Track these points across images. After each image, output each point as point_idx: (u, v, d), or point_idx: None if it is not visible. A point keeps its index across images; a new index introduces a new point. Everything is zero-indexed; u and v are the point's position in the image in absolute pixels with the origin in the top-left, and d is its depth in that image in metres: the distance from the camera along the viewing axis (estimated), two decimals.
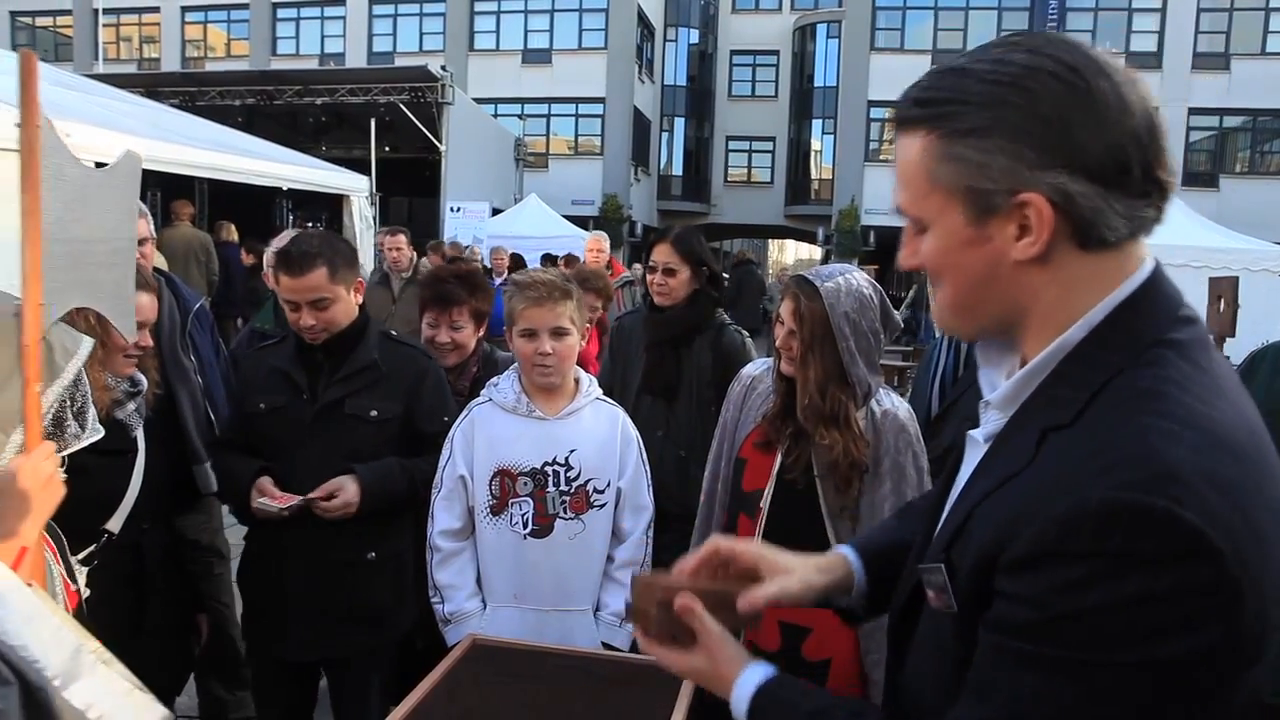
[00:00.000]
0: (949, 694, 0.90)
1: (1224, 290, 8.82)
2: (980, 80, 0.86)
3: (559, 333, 2.24)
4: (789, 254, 48.26)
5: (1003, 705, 0.82)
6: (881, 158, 27.97)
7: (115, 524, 2.12)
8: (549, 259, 10.83)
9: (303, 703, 2.51)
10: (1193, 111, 25.78)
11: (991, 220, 0.88)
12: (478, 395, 2.69)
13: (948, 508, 1.03)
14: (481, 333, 2.94)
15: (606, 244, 7.04)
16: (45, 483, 1.34)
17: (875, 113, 27.78)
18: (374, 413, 2.38)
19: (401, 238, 6.44)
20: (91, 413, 1.44)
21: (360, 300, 2.47)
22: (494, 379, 2.45)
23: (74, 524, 1.39)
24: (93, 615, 1.41)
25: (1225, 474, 0.77)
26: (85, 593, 1.43)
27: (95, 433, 1.44)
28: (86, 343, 1.44)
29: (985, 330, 0.98)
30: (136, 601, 2.16)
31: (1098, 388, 0.85)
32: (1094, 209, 0.85)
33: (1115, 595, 0.75)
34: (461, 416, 2.38)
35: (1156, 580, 0.74)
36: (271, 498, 2.26)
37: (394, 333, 2.67)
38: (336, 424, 2.36)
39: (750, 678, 1.07)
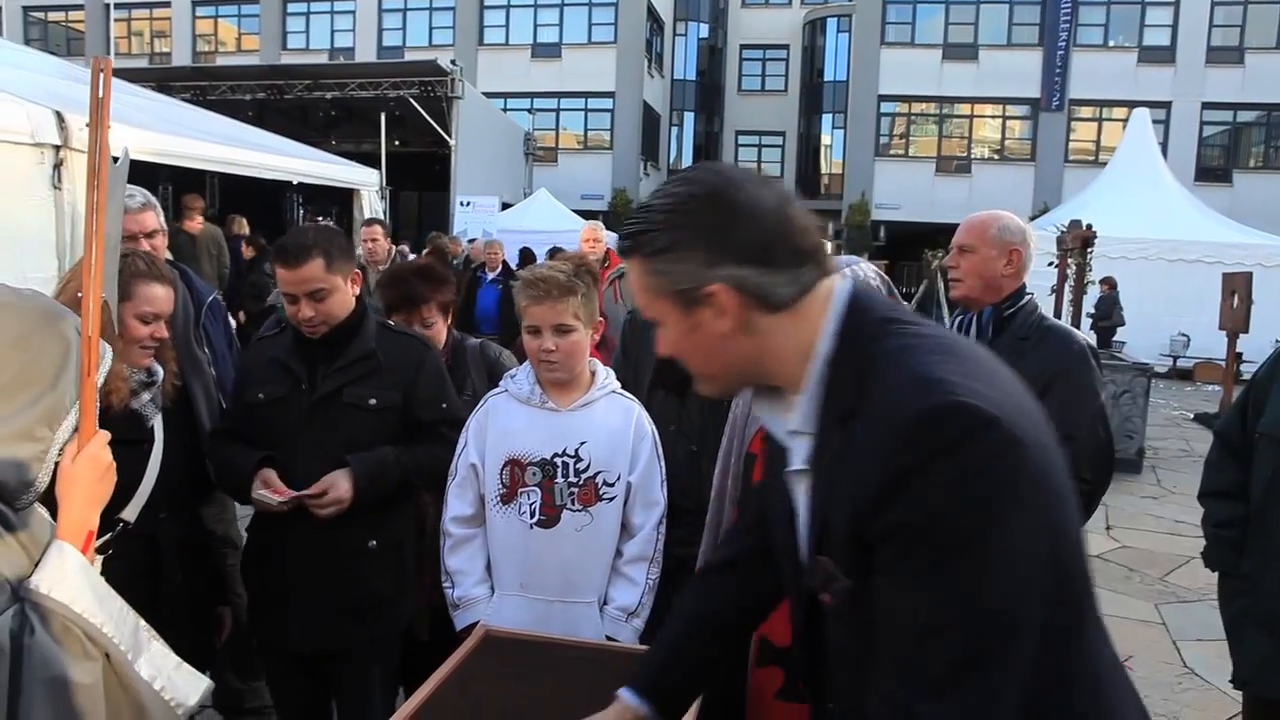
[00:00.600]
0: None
1: (1238, 286, 8.79)
2: (658, 212, 1.14)
3: (562, 330, 2.24)
4: None
5: (910, 630, 1.00)
6: (892, 152, 27.89)
7: (131, 513, 2.13)
8: (553, 253, 10.79)
9: (316, 692, 2.52)
10: (1206, 106, 25.62)
11: (695, 311, 1.13)
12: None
13: (802, 531, 1.22)
14: (450, 321, 2.95)
15: (603, 233, 6.84)
16: (105, 471, 1.43)
17: (886, 107, 27.71)
18: (372, 401, 2.39)
19: (378, 229, 6.31)
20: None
21: (358, 291, 2.47)
22: (512, 370, 2.46)
23: None
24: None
25: (970, 368, 1.04)
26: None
27: (103, 434, 1.48)
28: (109, 350, 1.49)
29: (732, 386, 1.26)
30: (151, 592, 2.17)
31: (861, 366, 1.08)
32: (759, 284, 1.10)
33: (950, 483, 0.96)
34: (478, 406, 2.41)
35: (969, 456, 0.96)
36: (273, 490, 2.27)
37: (391, 323, 2.67)
38: (335, 413, 2.36)
39: None
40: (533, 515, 2.26)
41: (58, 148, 5.87)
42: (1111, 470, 2.64)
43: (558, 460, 2.26)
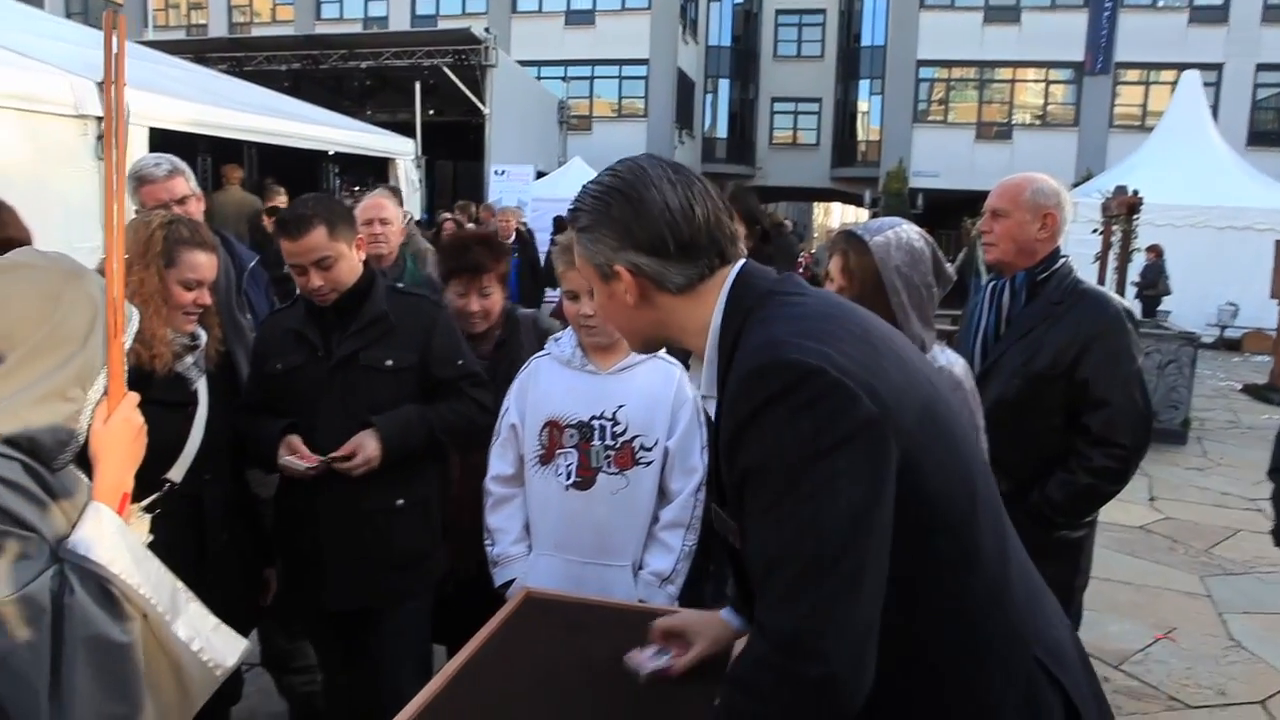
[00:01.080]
0: None
1: None
2: (589, 196, 1.33)
3: (592, 294, 2.25)
4: (835, 217, 47.57)
5: (761, 561, 1.14)
6: (931, 118, 27.34)
7: (176, 474, 2.16)
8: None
9: (355, 649, 2.56)
10: (1261, 67, 24.73)
11: (610, 282, 1.33)
12: (503, 359, 2.74)
13: None
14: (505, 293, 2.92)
15: None
16: (137, 433, 1.44)
17: (924, 72, 27.11)
18: (389, 363, 2.41)
19: (387, 205, 6.32)
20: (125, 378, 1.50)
21: (364, 256, 2.48)
22: (557, 334, 2.47)
23: (137, 473, 1.44)
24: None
25: (811, 329, 1.18)
26: (148, 539, 1.49)
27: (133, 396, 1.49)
28: (135, 313, 1.49)
29: (645, 346, 1.45)
30: (198, 552, 2.21)
31: (737, 334, 1.26)
32: (656, 272, 1.29)
33: (779, 424, 1.11)
34: (524, 368, 2.45)
35: (795, 400, 1.11)
36: (300, 456, 2.30)
37: (400, 285, 2.68)
38: (354, 377, 2.39)
39: None
40: (569, 477, 2.28)
41: (100, 119, 5.94)
42: (1149, 436, 2.57)
43: (595, 423, 2.27)
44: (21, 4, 10.35)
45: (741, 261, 1.33)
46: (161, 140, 6.37)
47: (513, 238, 8.75)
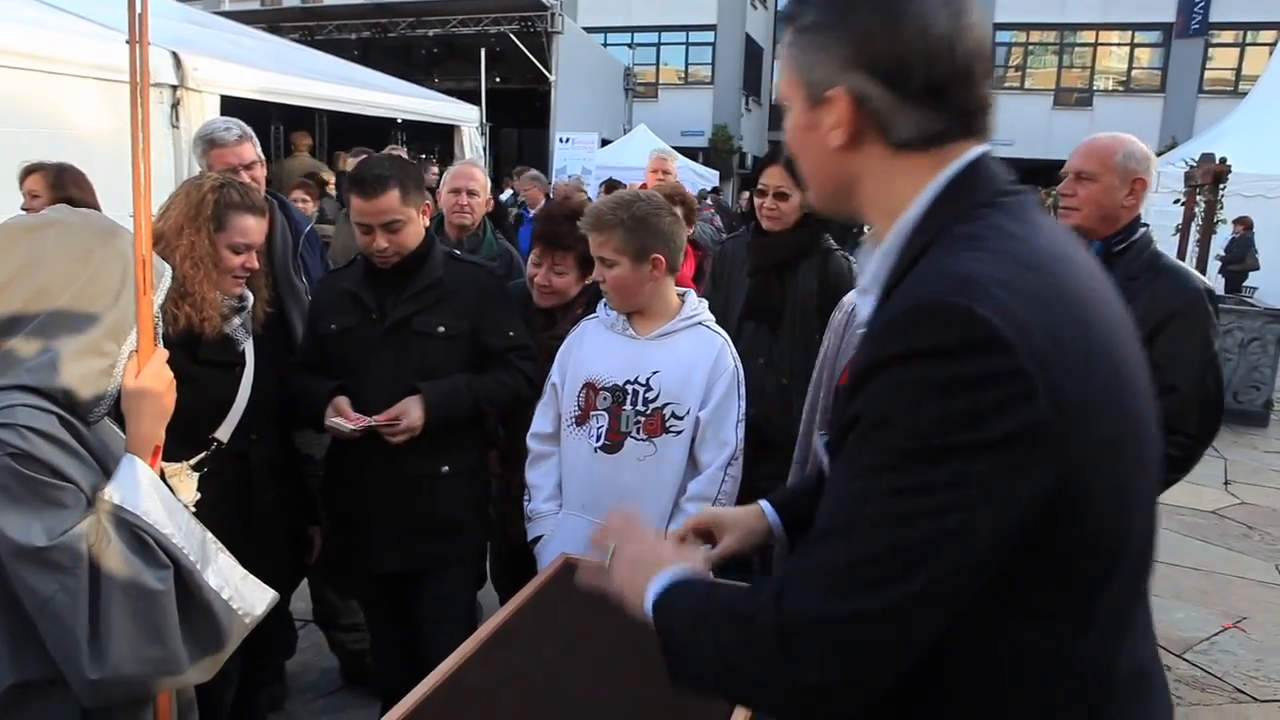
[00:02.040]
0: None
1: None
2: None
3: (604, 262, 2.27)
4: None
5: (829, 516, 0.92)
6: (1007, 85, 26.41)
7: (224, 433, 2.22)
8: (609, 185, 10.49)
9: (401, 608, 2.62)
10: (946, 8, 23.10)
11: (818, 108, 1.03)
12: None
13: None
14: (589, 281, 2.80)
15: (671, 163, 5.88)
16: (167, 386, 1.47)
17: (1001, 36, 26.15)
18: (441, 329, 2.42)
19: (476, 174, 6.28)
20: (159, 334, 1.54)
21: (428, 222, 2.49)
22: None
23: (186, 431, 1.49)
24: (202, 519, 1.51)
25: (1023, 283, 0.88)
26: (196, 497, 1.54)
27: (165, 353, 1.52)
28: (168, 269, 1.53)
29: (832, 207, 1.13)
30: (244, 509, 2.27)
31: (928, 242, 0.97)
32: (883, 110, 0.99)
33: (926, 387, 0.86)
34: (574, 329, 2.48)
35: (960, 369, 0.84)
36: (346, 418, 2.33)
37: (458, 252, 2.68)
38: (405, 341, 2.41)
39: (664, 577, 1.12)
40: (598, 439, 2.29)
41: (174, 88, 6.11)
42: (1216, 426, 2.45)
43: (629, 387, 2.28)
44: None
45: (982, 149, 1.03)
46: (233, 108, 6.53)
47: (538, 207, 8.69)
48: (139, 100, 1.44)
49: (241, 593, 1.46)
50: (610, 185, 10.35)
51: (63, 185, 3.27)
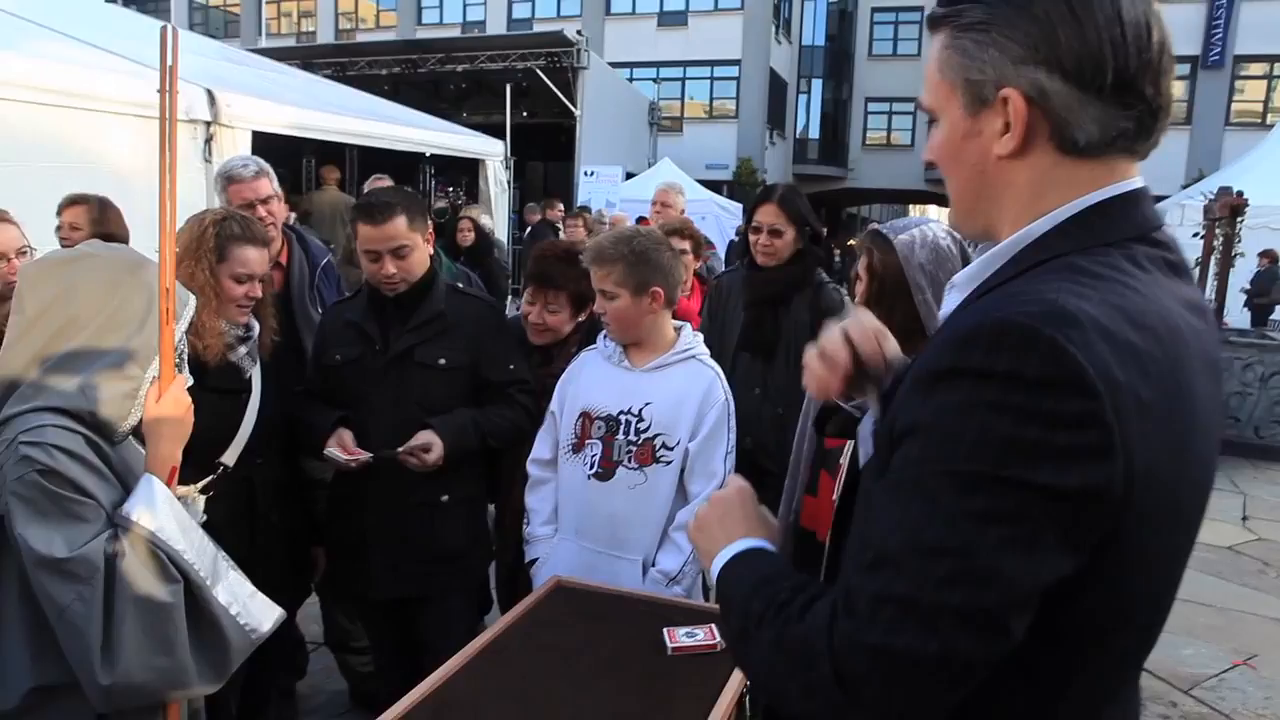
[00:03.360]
0: None
1: None
2: None
3: (606, 295, 2.35)
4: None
5: (883, 535, 0.85)
6: None
7: (230, 458, 2.32)
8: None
9: (405, 632, 2.70)
10: None
11: (983, 113, 0.93)
12: None
13: None
14: (583, 317, 2.89)
15: (676, 197, 5.68)
16: (185, 412, 1.57)
17: None
18: (442, 361, 2.49)
19: (386, 182, 6.10)
20: (185, 361, 1.64)
21: (431, 251, 2.58)
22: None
23: (193, 456, 1.59)
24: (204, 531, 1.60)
25: (1123, 337, 0.82)
26: (203, 519, 1.64)
27: (186, 381, 1.62)
28: (192, 298, 1.63)
29: (980, 228, 1.02)
30: (249, 530, 2.36)
31: (1037, 263, 0.90)
32: (1066, 108, 0.89)
33: (996, 412, 0.80)
34: (574, 360, 2.57)
35: (1035, 403, 0.79)
36: (344, 450, 2.40)
37: (461, 286, 2.76)
38: (407, 373, 2.48)
39: (738, 545, 1.10)
40: (592, 467, 2.37)
41: (208, 124, 6.34)
42: None
43: (622, 417, 2.36)
44: (145, 16, 11.04)
45: (1141, 182, 0.94)
46: (265, 143, 6.75)
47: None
48: (167, 144, 1.56)
49: (250, 609, 1.54)
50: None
51: (105, 220, 3.43)
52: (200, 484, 2.09)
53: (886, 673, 0.83)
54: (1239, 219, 8.25)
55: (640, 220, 6.59)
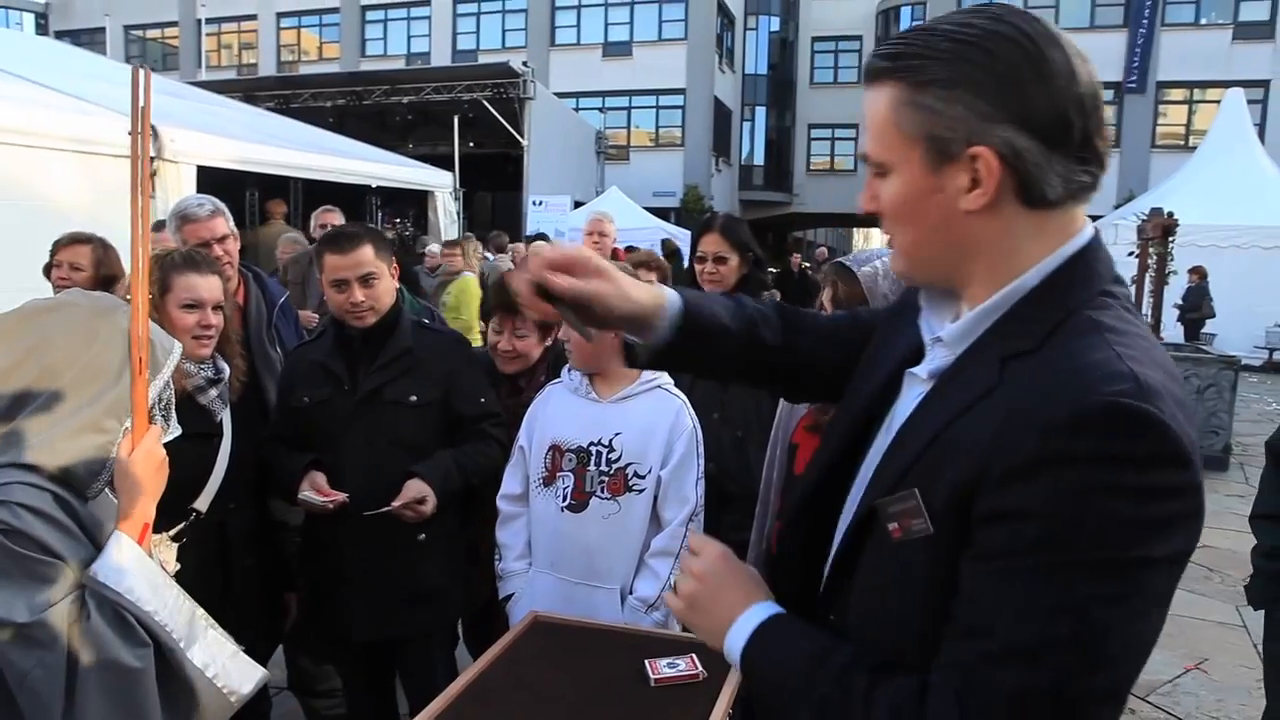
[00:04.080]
0: (921, 629, 0.93)
1: None
2: (946, 38, 0.93)
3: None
4: (874, 243, 47.33)
5: (1009, 628, 0.84)
6: None
7: (202, 503, 2.26)
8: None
9: (381, 675, 2.65)
10: (1084, 60, 24.16)
11: (946, 168, 0.94)
12: None
13: (883, 440, 1.07)
14: (549, 342, 2.90)
15: (610, 225, 5.63)
16: (159, 466, 1.50)
17: None
18: (413, 398, 2.48)
19: (337, 216, 5.93)
20: (173, 412, 1.59)
21: (396, 285, 2.58)
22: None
23: (165, 502, 1.53)
24: (182, 587, 1.54)
25: (1177, 395, 0.86)
26: (175, 567, 1.58)
27: (174, 430, 1.57)
28: (177, 345, 1.57)
29: (937, 278, 1.03)
30: (223, 578, 2.30)
31: (1057, 322, 0.92)
32: (1036, 165, 0.91)
33: (1118, 495, 0.81)
34: (539, 394, 2.56)
35: (1148, 479, 0.81)
36: (319, 493, 2.37)
37: (426, 321, 2.77)
38: (378, 411, 2.46)
39: (749, 620, 1.05)
40: (564, 499, 2.37)
41: (152, 159, 6.24)
42: None
43: (592, 449, 2.36)
44: (84, 51, 10.84)
45: (1094, 228, 0.98)
46: (209, 178, 6.64)
47: None
48: (139, 188, 1.52)
49: (229, 670, 1.46)
50: (669, 245, 10.35)
51: (108, 262, 3.35)
52: (173, 531, 2.03)
53: None
54: (1170, 238, 8.59)
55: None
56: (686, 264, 3.54)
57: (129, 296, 1.49)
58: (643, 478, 2.35)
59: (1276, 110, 24.17)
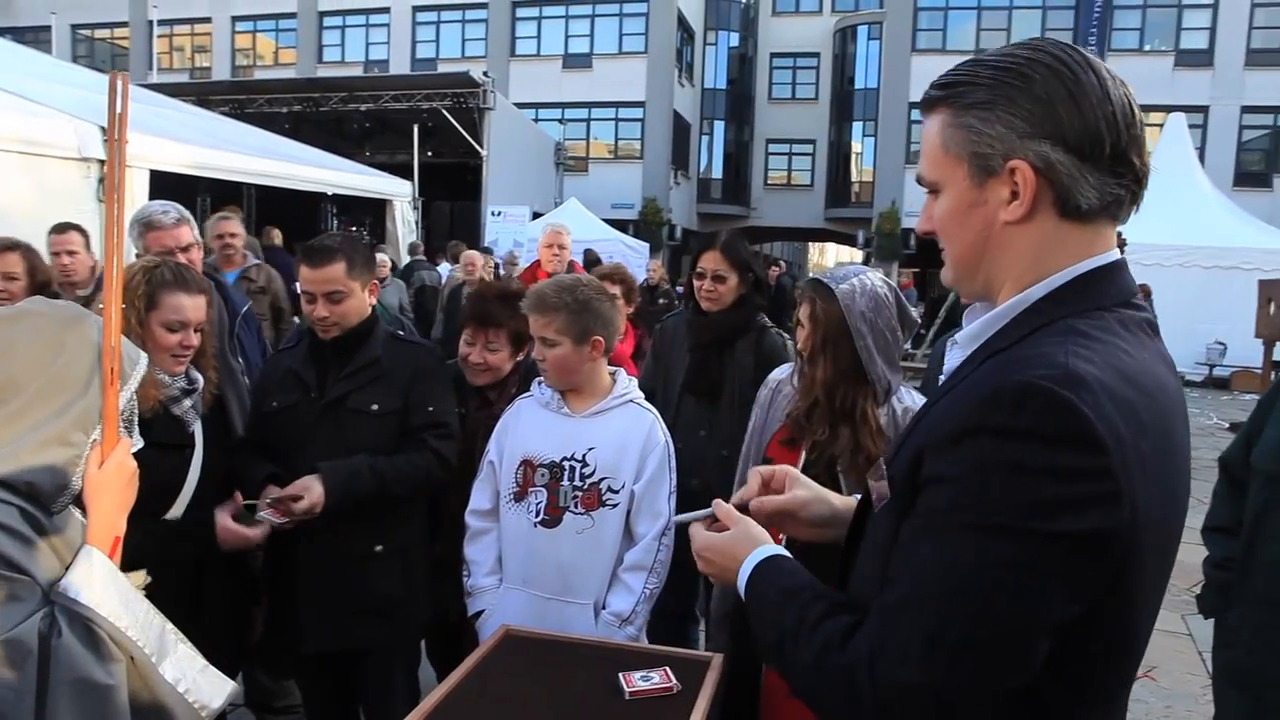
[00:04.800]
0: (877, 587, 1.03)
1: (1275, 294, 8.65)
2: (989, 67, 1.03)
3: (545, 342, 2.35)
4: (829, 257, 47.94)
5: (913, 578, 0.95)
6: None
7: (174, 514, 2.21)
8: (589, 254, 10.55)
9: (342, 690, 2.60)
10: (1245, 110, 25.16)
11: (989, 183, 1.03)
12: None
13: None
14: (522, 356, 2.88)
15: (567, 238, 5.77)
16: (130, 478, 1.47)
17: (916, 115, 27.32)
18: (374, 407, 2.46)
19: (74, 237, 4.17)
20: (135, 424, 1.55)
21: (374, 301, 2.57)
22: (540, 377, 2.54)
23: (136, 513, 1.49)
24: (152, 602, 1.50)
25: (1122, 395, 0.92)
26: (147, 580, 1.53)
27: (137, 443, 1.53)
28: (144, 356, 1.54)
29: (979, 286, 1.11)
30: (194, 591, 2.25)
31: (1038, 326, 1.00)
32: (1070, 176, 0.99)
33: (1019, 467, 0.90)
34: (508, 408, 2.54)
35: (1054, 457, 0.89)
36: (275, 512, 2.33)
37: (401, 333, 2.76)
38: (341, 419, 2.45)
39: (758, 554, 1.20)
40: (537, 514, 2.35)
41: (103, 162, 6.09)
42: None
43: (565, 464, 2.35)
44: (28, 49, 10.56)
45: (1119, 255, 1.05)
46: (161, 182, 6.50)
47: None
48: (116, 194, 1.48)
49: (200, 685, 1.43)
50: (590, 255, 10.44)
51: (39, 268, 3.26)
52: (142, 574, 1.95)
53: (923, 705, 0.92)
54: None
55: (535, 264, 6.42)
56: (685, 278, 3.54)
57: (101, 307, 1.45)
58: (616, 492, 2.34)
59: (1215, 134, 25.04)
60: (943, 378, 1.14)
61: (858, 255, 30.08)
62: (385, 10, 29.16)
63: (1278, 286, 8.67)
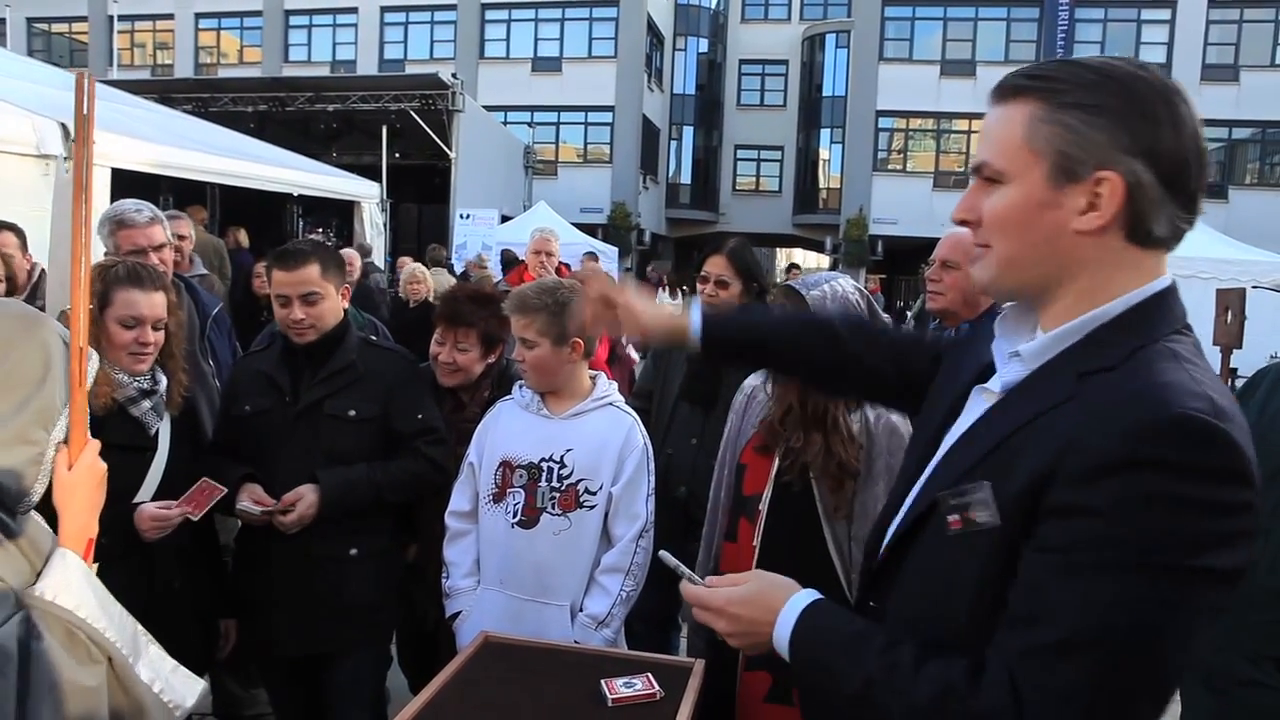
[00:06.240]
0: (965, 620, 0.98)
1: (1231, 302, 8.81)
2: (1092, 71, 1.00)
3: (525, 343, 2.36)
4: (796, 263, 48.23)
5: (1070, 620, 0.89)
6: (890, 167, 28.00)
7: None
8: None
9: (311, 697, 2.56)
10: (1202, 123, 25.74)
11: (1068, 187, 0.99)
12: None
13: (949, 443, 1.13)
14: (494, 358, 2.88)
15: (555, 244, 5.75)
16: (100, 480, 1.46)
17: (884, 122, 27.81)
18: (352, 413, 2.45)
19: (9, 237, 3.77)
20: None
21: (347, 305, 2.56)
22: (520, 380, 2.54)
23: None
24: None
25: (1245, 427, 0.92)
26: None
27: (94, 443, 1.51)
28: (94, 355, 1.52)
29: (1023, 290, 1.08)
30: (146, 597, 2.19)
31: (1137, 347, 0.98)
32: (1152, 201, 0.98)
33: (1181, 502, 0.87)
34: (490, 410, 2.54)
35: (1214, 493, 0.87)
36: (257, 503, 2.33)
37: (374, 338, 2.75)
38: (317, 424, 2.43)
39: (798, 601, 1.12)
40: (515, 515, 2.34)
41: (65, 159, 5.95)
42: None
43: (544, 465, 2.35)
44: None
45: (1171, 278, 1.05)
46: (122, 181, 6.37)
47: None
48: (83, 196, 1.46)
49: (172, 684, 1.43)
50: (508, 255, 10.47)
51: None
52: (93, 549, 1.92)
53: None
54: None
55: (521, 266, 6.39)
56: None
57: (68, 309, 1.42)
58: (594, 494, 2.34)
59: None
60: (996, 385, 1.09)
61: (825, 261, 30.30)
62: (353, 10, 28.90)
63: (1235, 295, 8.84)
